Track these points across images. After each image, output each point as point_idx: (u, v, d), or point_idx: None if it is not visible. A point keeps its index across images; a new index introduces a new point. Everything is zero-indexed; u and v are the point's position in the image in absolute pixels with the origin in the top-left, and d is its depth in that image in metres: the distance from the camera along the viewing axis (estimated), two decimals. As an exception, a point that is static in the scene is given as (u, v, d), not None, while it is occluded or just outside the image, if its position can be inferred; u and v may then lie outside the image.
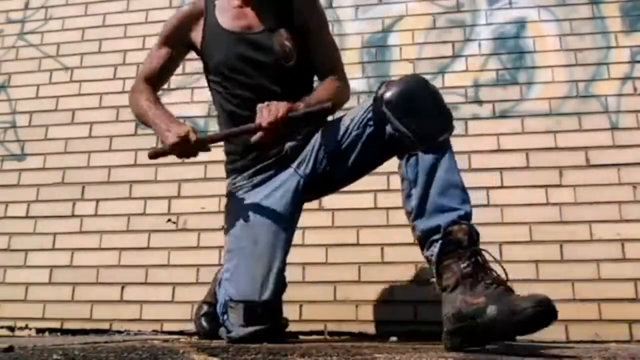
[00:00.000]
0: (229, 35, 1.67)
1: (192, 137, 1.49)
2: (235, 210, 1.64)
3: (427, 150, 1.35)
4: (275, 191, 1.62)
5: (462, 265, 1.21)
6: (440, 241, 1.27)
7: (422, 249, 1.34)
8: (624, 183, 2.12)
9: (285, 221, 1.60)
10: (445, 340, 1.22)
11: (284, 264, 1.58)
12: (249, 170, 1.67)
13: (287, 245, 1.61)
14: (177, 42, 1.75)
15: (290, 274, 2.17)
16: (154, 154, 1.62)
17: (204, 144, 1.53)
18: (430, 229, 1.30)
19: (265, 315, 1.48)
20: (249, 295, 1.49)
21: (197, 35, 1.72)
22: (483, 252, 1.24)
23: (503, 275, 1.22)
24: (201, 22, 1.71)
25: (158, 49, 1.75)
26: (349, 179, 1.65)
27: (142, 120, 1.69)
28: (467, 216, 1.31)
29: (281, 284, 1.56)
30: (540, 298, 1.11)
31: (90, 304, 2.30)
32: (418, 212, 1.34)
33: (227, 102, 1.69)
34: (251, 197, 1.63)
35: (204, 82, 2.53)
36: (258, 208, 1.60)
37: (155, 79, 1.76)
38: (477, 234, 1.27)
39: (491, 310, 1.11)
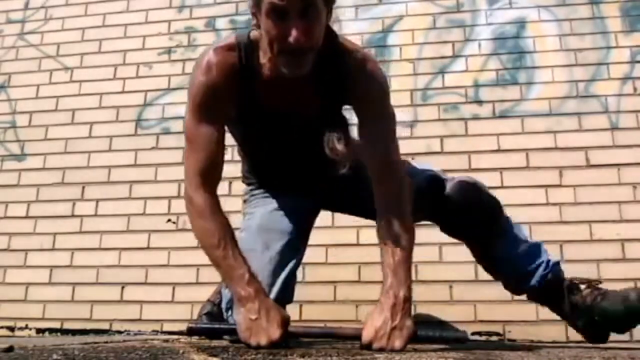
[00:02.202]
0: (267, 112, 1.41)
1: (284, 341, 1.21)
2: (250, 213, 1.62)
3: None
4: (293, 201, 1.58)
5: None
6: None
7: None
8: (624, 183, 2.12)
9: (299, 231, 1.57)
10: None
11: (292, 274, 1.52)
12: (265, 187, 1.63)
13: (298, 255, 1.56)
14: (219, 111, 1.36)
15: (290, 274, 2.18)
16: (199, 332, 1.41)
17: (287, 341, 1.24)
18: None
19: None
20: None
21: (232, 99, 1.39)
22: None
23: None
24: (236, 83, 1.34)
25: (198, 125, 1.33)
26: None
27: (208, 255, 1.33)
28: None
29: (288, 292, 1.50)
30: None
31: (90, 304, 2.30)
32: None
33: (253, 154, 1.59)
34: (267, 204, 1.60)
35: (204, 82, 2.57)
36: (273, 214, 1.57)
37: (215, 173, 1.36)
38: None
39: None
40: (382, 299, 1.26)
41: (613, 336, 1.91)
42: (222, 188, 1.40)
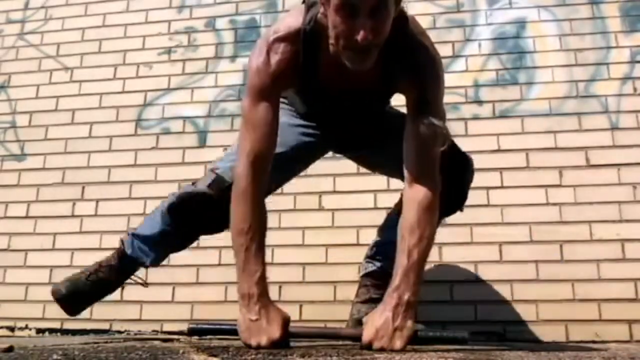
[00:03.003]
0: (328, 95, 1.43)
1: (284, 341, 1.22)
2: None
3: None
4: (313, 132, 1.57)
5: None
6: None
7: None
8: (624, 183, 2.12)
9: (301, 156, 1.60)
10: None
11: (280, 178, 1.56)
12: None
13: (285, 172, 1.59)
14: (277, 94, 1.38)
15: (290, 274, 2.19)
16: (200, 332, 1.41)
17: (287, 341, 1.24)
18: None
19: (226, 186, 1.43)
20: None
21: (292, 84, 1.42)
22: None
23: None
24: (297, 70, 1.35)
25: (254, 107, 1.34)
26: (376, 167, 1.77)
27: (232, 238, 1.32)
28: None
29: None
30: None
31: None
32: None
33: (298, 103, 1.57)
34: (289, 118, 1.55)
35: (204, 82, 2.57)
36: (290, 128, 1.54)
37: (267, 153, 1.34)
38: None
39: None
40: (386, 299, 1.26)
41: (614, 336, 1.92)
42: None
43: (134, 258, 1.69)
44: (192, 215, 1.55)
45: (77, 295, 1.67)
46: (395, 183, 1.72)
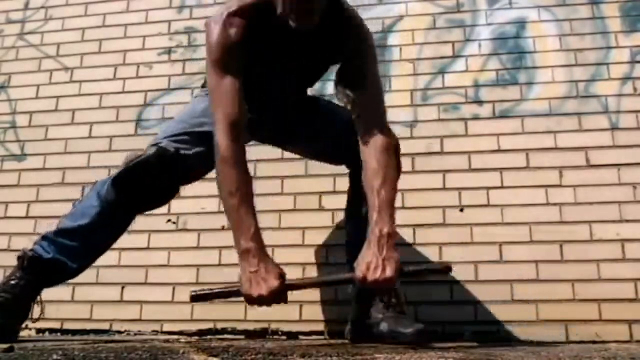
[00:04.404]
0: (274, 61, 1.58)
1: (284, 292, 1.31)
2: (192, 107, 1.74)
3: None
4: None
5: None
6: None
7: None
8: (624, 183, 2.12)
9: None
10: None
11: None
12: None
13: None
14: (238, 64, 1.49)
15: (290, 274, 2.18)
16: (203, 297, 1.42)
17: (286, 294, 1.31)
18: None
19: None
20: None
21: (246, 54, 1.52)
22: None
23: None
24: (251, 40, 1.49)
25: (221, 79, 1.45)
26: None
27: (223, 203, 1.43)
28: None
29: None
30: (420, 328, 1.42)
31: (90, 304, 2.29)
32: None
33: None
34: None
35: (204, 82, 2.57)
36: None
37: (240, 120, 1.45)
38: None
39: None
40: (369, 237, 1.36)
41: (614, 336, 1.92)
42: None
43: (54, 262, 1.58)
44: (138, 185, 1.56)
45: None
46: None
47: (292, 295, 1.69)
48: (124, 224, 1.69)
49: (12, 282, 1.59)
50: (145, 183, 1.55)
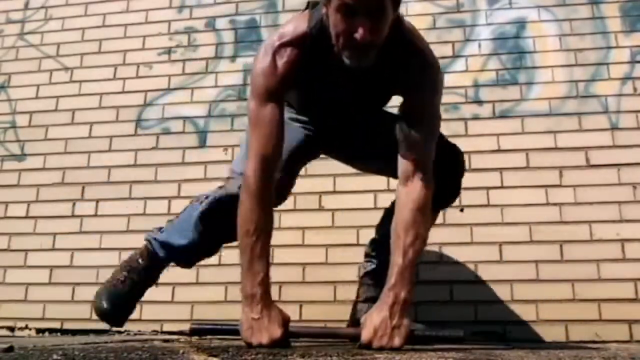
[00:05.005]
0: (328, 93, 1.47)
1: (284, 340, 1.24)
2: None
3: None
4: (305, 133, 1.59)
5: None
6: None
7: None
8: (624, 183, 2.12)
9: (293, 159, 1.57)
10: None
11: (292, 168, 1.56)
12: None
13: (299, 161, 1.61)
14: (282, 95, 1.41)
15: (290, 274, 2.19)
16: (202, 332, 1.46)
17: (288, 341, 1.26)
18: None
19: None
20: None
21: (294, 85, 1.44)
22: None
23: None
24: (302, 70, 1.38)
25: (261, 108, 1.36)
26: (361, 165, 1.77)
27: (238, 238, 1.35)
28: None
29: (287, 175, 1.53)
30: None
31: (90, 304, 2.29)
32: None
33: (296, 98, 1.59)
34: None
35: (204, 82, 2.57)
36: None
37: (275, 152, 1.36)
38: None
39: None
40: (383, 298, 1.28)
41: (614, 336, 1.92)
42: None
43: (166, 259, 1.66)
44: (225, 220, 1.45)
45: (119, 305, 1.62)
46: (396, 183, 1.72)
47: (291, 295, 1.69)
48: (222, 242, 1.67)
49: (140, 265, 1.64)
50: (230, 219, 1.42)
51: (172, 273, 2.27)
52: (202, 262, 2.26)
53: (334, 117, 1.57)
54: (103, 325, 2.25)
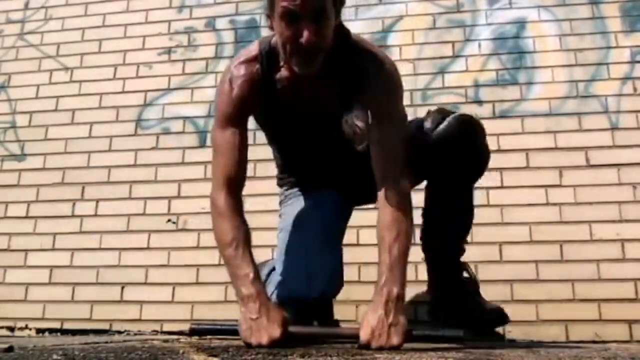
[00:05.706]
0: (292, 113, 1.50)
1: (284, 340, 1.23)
2: (285, 213, 1.67)
3: None
4: (327, 195, 1.64)
5: None
6: None
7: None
8: (624, 183, 2.12)
9: (334, 224, 1.64)
10: None
11: (338, 261, 1.61)
12: (300, 185, 1.69)
13: (337, 248, 1.64)
14: (241, 119, 1.45)
15: (290, 274, 2.18)
16: (202, 332, 1.48)
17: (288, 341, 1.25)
18: None
19: (316, 312, 1.50)
20: (298, 292, 1.49)
21: (256, 107, 1.49)
22: None
23: None
24: (258, 92, 1.44)
25: (222, 133, 1.43)
26: None
27: (221, 254, 1.40)
28: None
29: (333, 284, 1.58)
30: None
31: (90, 304, 2.30)
32: None
33: (286, 155, 1.68)
34: (301, 202, 1.64)
35: (204, 82, 2.57)
36: (308, 211, 1.62)
37: (238, 176, 1.42)
38: None
39: None
40: (375, 297, 1.28)
41: (614, 336, 1.92)
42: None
43: None
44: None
45: None
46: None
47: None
48: None
49: None
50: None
51: (172, 273, 2.29)
52: (202, 262, 2.27)
53: (320, 153, 1.59)
54: (103, 325, 2.26)
